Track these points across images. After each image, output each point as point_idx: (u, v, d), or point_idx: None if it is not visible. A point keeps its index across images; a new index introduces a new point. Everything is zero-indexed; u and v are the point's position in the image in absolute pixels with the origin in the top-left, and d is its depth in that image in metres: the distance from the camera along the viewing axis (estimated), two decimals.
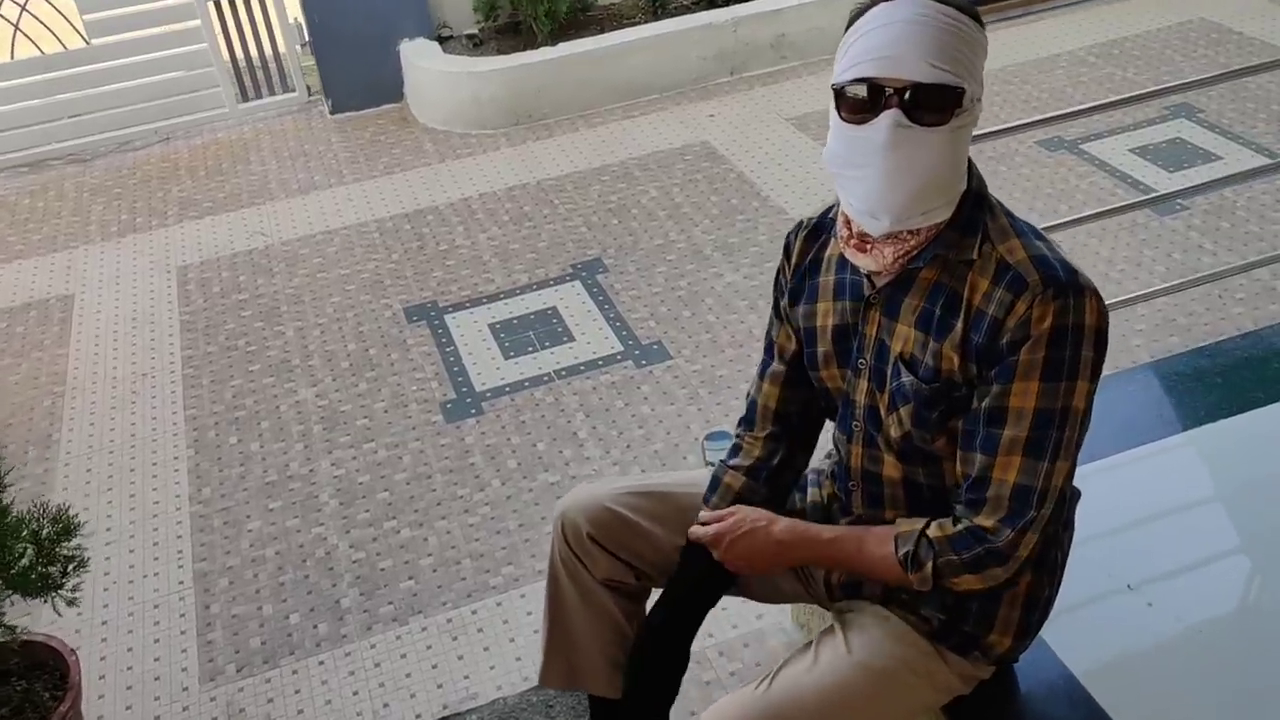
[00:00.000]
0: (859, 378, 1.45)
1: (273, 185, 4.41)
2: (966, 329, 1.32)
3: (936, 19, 1.24)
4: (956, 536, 1.35)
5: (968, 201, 1.33)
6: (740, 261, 3.58)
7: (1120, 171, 3.78)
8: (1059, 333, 1.27)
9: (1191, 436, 2.08)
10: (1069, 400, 1.29)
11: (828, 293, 1.47)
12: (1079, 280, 1.28)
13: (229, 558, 2.63)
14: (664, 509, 1.64)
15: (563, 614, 1.71)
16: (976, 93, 1.28)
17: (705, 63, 4.81)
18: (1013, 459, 1.31)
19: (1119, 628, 1.70)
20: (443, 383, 3.16)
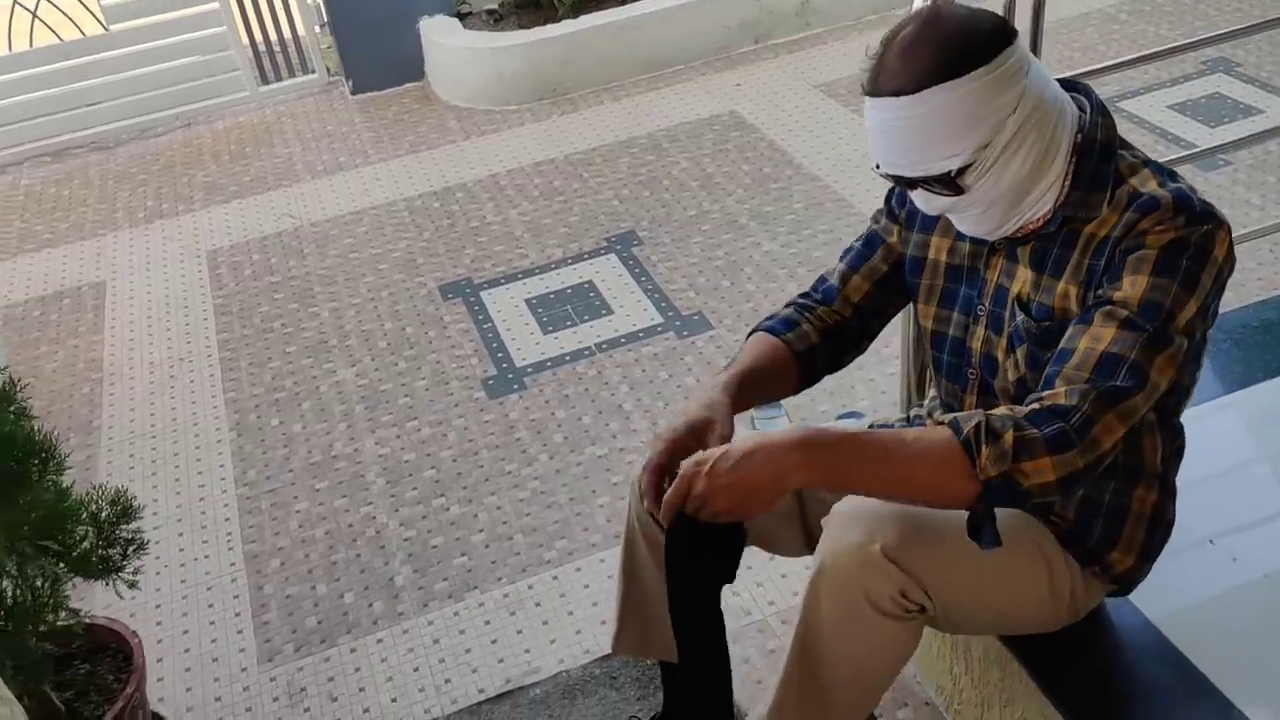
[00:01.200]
0: (976, 324, 1.42)
1: (298, 167, 4.37)
2: (1083, 258, 1.29)
3: (899, 121, 1.23)
4: (1031, 413, 1.20)
5: (1089, 160, 1.29)
6: (777, 230, 3.53)
7: (1160, 128, 3.72)
8: (1177, 242, 1.22)
9: (1258, 391, 2.04)
10: (1177, 308, 1.20)
11: (947, 228, 1.43)
12: (1215, 214, 1.25)
13: (279, 539, 2.61)
14: None
15: (638, 581, 1.68)
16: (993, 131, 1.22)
17: (729, 31, 4.75)
18: (1108, 329, 1.21)
19: (1203, 582, 1.66)
20: (483, 359, 3.13)
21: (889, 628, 1.36)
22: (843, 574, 1.34)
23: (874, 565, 1.32)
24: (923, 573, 1.33)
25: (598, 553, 2.44)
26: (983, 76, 1.21)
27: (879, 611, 1.34)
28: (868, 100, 1.26)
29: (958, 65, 1.20)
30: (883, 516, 1.35)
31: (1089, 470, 1.20)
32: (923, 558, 1.33)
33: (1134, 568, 1.49)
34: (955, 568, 1.36)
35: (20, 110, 4.62)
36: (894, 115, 1.23)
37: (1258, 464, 1.85)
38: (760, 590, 2.28)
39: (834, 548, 1.36)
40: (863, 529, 1.34)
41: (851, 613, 1.35)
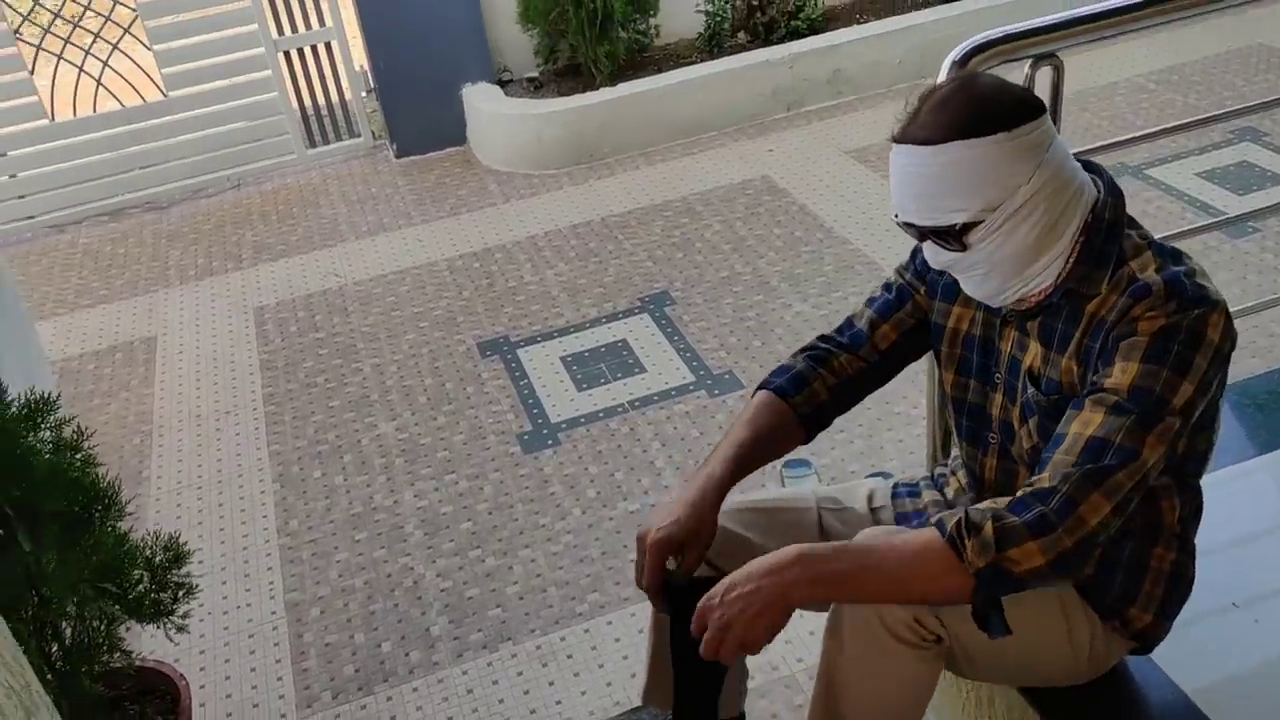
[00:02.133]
0: (995, 392, 1.48)
1: (343, 228, 4.52)
2: (1083, 337, 1.35)
3: (920, 169, 1.30)
4: (1012, 501, 1.26)
5: (1098, 237, 1.34)
6: (808, 291, 3.61)
7: (1188, 195, 3.77)
8: (1168, 329, 1.26)
9: None
10: (1169, 394, 1.25)
11: (968, 298, 1.49)
12: (1209, 296, 1.28)
13: (319, 588, 2.68)
14: (773, 524, 1.66)
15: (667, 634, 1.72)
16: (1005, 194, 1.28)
17: (762, 99, 4.88)
18: (1096, 414, 1.27)
19: (1226, 645, 1.68)
20: (518, 414, 3.21)
21: (908, 658, 1.39)
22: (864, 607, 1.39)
23: None
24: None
25: (629, 606, 2.48)
26: (1003, 141, 1.27)
27: (897, 639, 1.38)
28: (894, 147, 1.33)
29: (981, 126, 1.27)
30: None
31: (1083, 548, 1.24)
32: None
33: (1153, 625, 1.52)
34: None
35: (82, 172, 4.82)
36: (914, 162, 1.30)
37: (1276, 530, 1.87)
38: (788, 647, 2.31)
39: None
40: None
41: (870, 642, 1.39)
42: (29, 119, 4.69)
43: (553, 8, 4.76)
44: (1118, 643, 1.54)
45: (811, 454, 2.88)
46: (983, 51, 1.63)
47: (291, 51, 4.92)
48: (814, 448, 2.91)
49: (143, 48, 4.73)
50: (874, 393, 1.65)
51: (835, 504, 1.74)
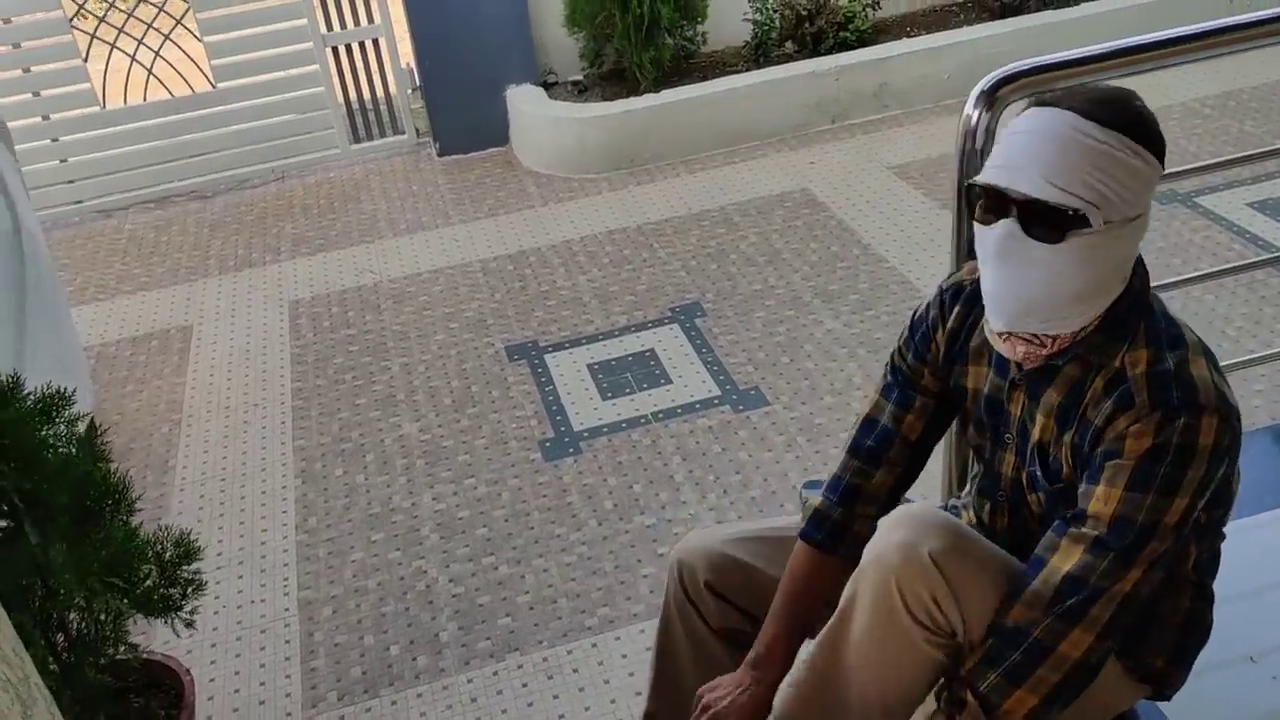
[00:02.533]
0: (1006, 451, 1.45)
1: (381, 224, 4.55)
2: (1074, 434, 1.33)
3: (1074, 136, 1.22)
4: (988, 652, 1.31)
5: (1123, 305, 1.31)
6: (840, 309, 3.57)
7: (1238, 226, 3.68)
8: (1155, 451, 1.24)
9: None
10: (1157, 516, 1.25)
11: (982, 358, 1.47)
12: (1198, 399, 1.24)
13: (333, 587, 2.69)
14: (780, 553, 1.64)
15: (672, 661, 1.71)
16: (1125, 213, 1.24)
17: (807, 110, 4.84)
18: (1075, 549, 1.28)
19: (1241, 699, 1.64)
20: (542, 421, 3.21)
21: (916, 640, 1.36)
22: (885, 568, 1.35)
23: (916, 563, 1.33)
24: (960, 586, 1.34)
25: (638, 623, 2.47)
26: (1151, 163, 1.25)
27: (911, 617, 1.34)
28: (1036, 112, 1.26)
29: (1143, 136, 1.25)
30: (933, 525, 1.37)
31: (1076, 676, 1.28)
32: (964, 571, 1.34)
33: (1167, 670, 1.48)
34: (992, 593, 1.36)
35: (130, 159, 4.90)
36: (1070, 129, 1.22)
37: None
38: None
39: (882, 542, 1.38)
40: (913, 529, 1.36)
41: (886, 611, 1.36)
42: (81, 105, 4.78)
43: (599, 11, 4.75)
44: (1128, 685, 1.50)
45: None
46: (1012, 82, 1.59)
47: (340, 47, 4.96)
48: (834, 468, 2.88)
49: (194, 39, 4.79)
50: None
51: None
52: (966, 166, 1.62)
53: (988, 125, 1.59)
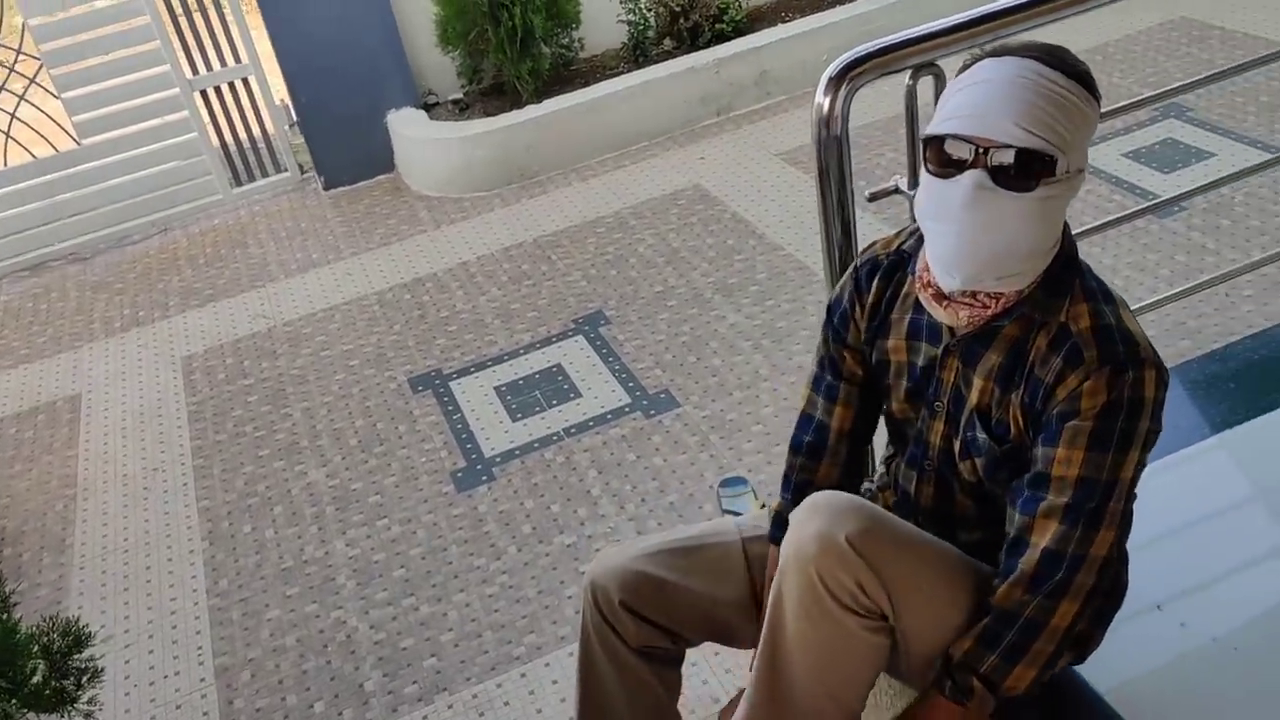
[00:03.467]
0: (935, 419, 1.44)
1: (272, 266, 4.43)
2: (1024, 392, 1.32)
3: (1038, 83, 1.21)
4: (982, 634, 1.34)
5: (1059, 262, 1.31)
6: (741, 301, 3.56)
7: (1115, 177, 3.76)
8: (1110, 407, 1.26)
9: (1211, 445, 2.03)
10: (1116, 473, 1.28)
11: (903, 330, 1.46)
12: (1139, 353, 1.26)
13: (250, 649, 2.60)
14: (695, 564, 1.61)
15: (596, 685, 1.67)
16: (1076, 163, 1.24)
17: (691, 106, 4.83)
18: (1049, 523, 1.30)
19: (1152, 650, 1.64)
20: (452, 451, 3.14)
21: (850, 627, 1.34)
22: (805, 561, 1.34)
23: (835, 551, 1.32)
24: (882, 567, 1.33)
25: (566, 646, 2.42)
26: (1095, 108, 1.26)
27: (839, 604, 1.33)
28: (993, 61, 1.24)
29: (1089, 85, 1.25)
30: (847, 510, 1.36)
31: (1067, 641, 1.34)
32: (884, 552, 1.34)
33: (1089, 633, 1.48)
34: (914, 571, 1.36)
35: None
36: (1034, 76, 1.21)
37: (1204, 524, 1.84)
38: (729, 676, 2.26)
39: (798, 535, 1.36)
40: (826, 518, 1.35)
41: (812, 603, 1.34)
42: None
43: (471, 28, 4.69)
44: None
45: (748, 470, 2.83)
46: (858, 66, 1.58)
47: (208, 90, 4.82)
48: (750, 462, 2.87)
49: (52, 96, 4.61)
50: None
51: (761, 531, 1.69)
52: (824, 153, 1.61)
53: (840, 110, 1.58)
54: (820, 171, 1.63)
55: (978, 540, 1.47)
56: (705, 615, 1.60)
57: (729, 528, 1.70)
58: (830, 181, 1.63)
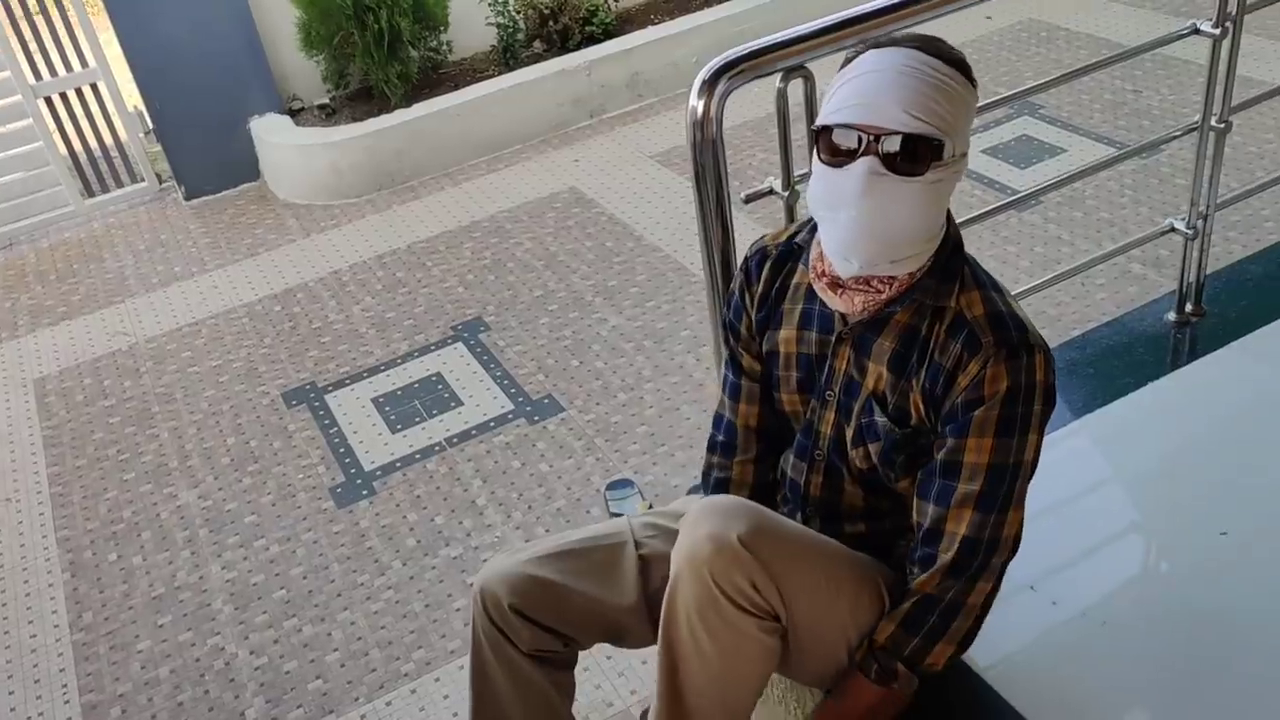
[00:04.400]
0: (825, 409, 1.46)
1: (131, 281, 4.23)
2: (925, 377, 1.35)
3: (922, 71, 1.25)
4: (905, 619, 1.38)
5: (946, 249, 1.35)
6: (622, 304, 3.56)
7: (975, 173, 3.90)
8: (1011, 392, 1.30)
9: (1074, 429, 2.12)
10: (1020, 455, 1.33)
11: (794, 320, 1.47)
12: (1029, 339, 1.31)
13: (119, 684, 2.47)
14: (586, 566, 1.59)
15: (490, 692, 1.64)
16: (960, 147, 1.28)
17: (563, 109, 4.81)
18: (964, 512, 1.34)
19: (1027, 629, 1.71)
20: (330, 466, 3.05)
21: (746, 628, 1.34)
22: (698, 564, 1.33)
23: (728, 551, 1.32)
24: (773, 565, 1.34)
25: (456, 659, 2.38)
26: (973, 95, 1.29)
27: (733, 605, 1.33)
28: (878, 53, 1.27)
29: (967, 72, 1.28)
30: (736, 511, 1.36)
31: (982, 617, 1.41)
32: (775, 551, 1.35)
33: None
34: (804, 569, 1.38)
35: None
36: (919, 66, 1.24)
37: (1070, 505, 1.92)
38: (622, 680, 2.26)
39: (691, 539, 1.35)
40: (716, 520, 1.35)
41: (708, 606, 1.34)
42: None
43: (336, 31, 4.58)
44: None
45: (634, 472, 2.84)
46: (732, 69, 1.59)
47: (54, 96, 4.57)
48: (635, 464, 2.88)
49: None
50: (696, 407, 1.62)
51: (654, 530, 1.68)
52: (700, 155, 1.62)
53: (715, 113, 1.59)
54: (696, 174, 1.64)
55: (861, 533, 1.50)
56: (597, 617, 1.58)
57: (620, 528, 1.69)
58: (707, 183, 1.64)
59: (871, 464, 1.43)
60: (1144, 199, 3.58)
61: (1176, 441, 2.01)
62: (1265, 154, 3.68)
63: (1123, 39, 4.67)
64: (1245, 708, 1.52)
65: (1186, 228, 2.25)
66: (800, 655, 1.43)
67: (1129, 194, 3.62)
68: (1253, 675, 1.56)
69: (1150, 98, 4.20)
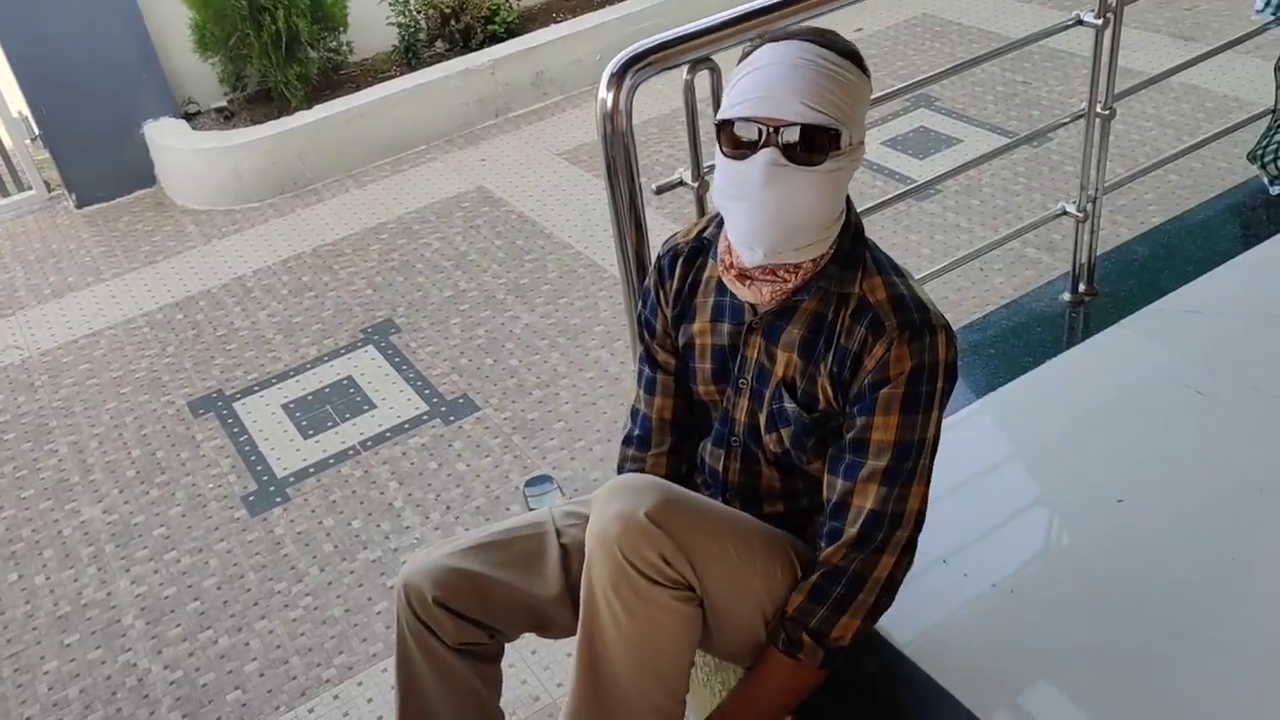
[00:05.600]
0: (739, 396, 1.49)
1: (21, 293, 4.08)
2: (832, 362, 1.38)
3: (816, 63, 1.28)
4: (812, 591, 1.40)
5: (848, 236, 1.38)
6: (535, 301, 3.56)
7: (876, 164, 4.00)
8: (915, 372, 1.34)
9: (978, 408, 2.20)
10: (924, 431, 1.37)
11: (707, 313, 1.49)
12: (931, 320, 1.35)
13: (25, 708, 2.39)
14: (509, 556, 1.59)
15: (416, 688, 1.63)
16: (857, 136, 1.32)
17: (468, 108, 4.79)
18: (870, 486, 1.38)
19: (940, 602, 1.76)
20: (241, 475, 2.99)
21: (660, 599, 1.36)
22: (608, 542, 1.35)
23: (637, 528, 1.33)
24: (683, 537, 1.36)
25: (379, 663, 2.36)
26: (867, 84, 1.33)
27: (645, 578, 1.35)
28: (773, 46, 1.30)
29: (860, 63, 1.32)
30: (644, 488, 1.38)
31: (888, 592, 1.43)
32: (683, 523, 1.37)
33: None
34: (714, 539, 1.40)
35: None
36: (812, 58, 1.28)
37: (977, 481, 1.99)
38: (548, 673, 2.27)
39: (600, 519, 1.37)
40: (623, 498, 1.37)
41: (621, 582, 1.35)
42: None
43: (231, 32, 4.48)
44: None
45: (552, 468, 2.84)
46: (639, 61, 1.61)
47: None
48: (554, 460, 2.88)
49: None
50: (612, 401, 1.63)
51: (575, 519, 1.69)
52: (611, 148, 1.64)
53: (624, 105, 1.61)
54: (608, 167, 1.65)
55: (780, 512, 1.54)
56: (522, 607, 1.59)
57: (541, 519, 1.69)
58: (619, 177, 1.66)
59: (785, 448, 1.46)
60: (1036, 185, 3.72)
61: (1074, 415, 2.10)
62: (1146, 140, 3.86)
63: (1012, 33, 4.84)
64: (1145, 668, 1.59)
65: (1077, 210, 2.35)
66: (719, 627, 1.46)
67: (1022, 181, 3.75)
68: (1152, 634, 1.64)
69: (1039, 89, 4.35)
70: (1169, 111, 4.03)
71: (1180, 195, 3.45)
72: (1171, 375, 2.12)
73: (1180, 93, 4.12)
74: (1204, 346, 2.19)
